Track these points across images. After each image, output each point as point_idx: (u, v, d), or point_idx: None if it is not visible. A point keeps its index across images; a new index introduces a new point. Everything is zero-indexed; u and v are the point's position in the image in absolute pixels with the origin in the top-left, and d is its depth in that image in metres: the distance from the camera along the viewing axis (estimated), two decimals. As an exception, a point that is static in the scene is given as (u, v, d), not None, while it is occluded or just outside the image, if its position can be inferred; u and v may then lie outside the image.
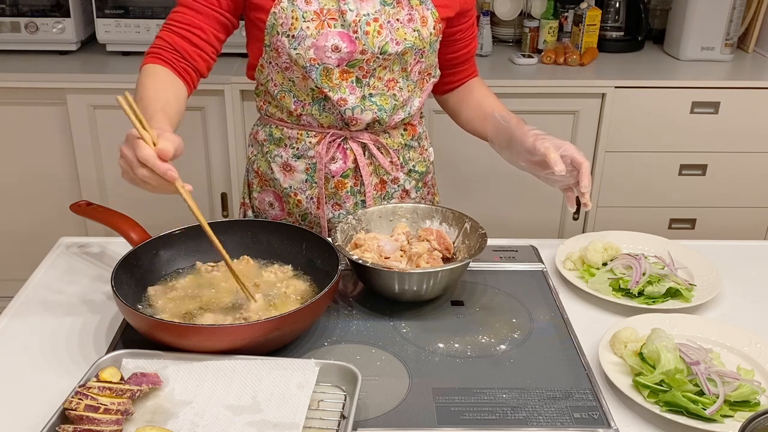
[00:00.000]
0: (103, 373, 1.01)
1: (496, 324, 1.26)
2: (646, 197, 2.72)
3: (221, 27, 1.40)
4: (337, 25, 1.36)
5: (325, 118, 1.45)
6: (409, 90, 1.47)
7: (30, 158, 2.61)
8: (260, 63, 1.45)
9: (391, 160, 1.51)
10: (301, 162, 1.50)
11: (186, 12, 1.37)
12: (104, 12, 2.61)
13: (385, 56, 1.39)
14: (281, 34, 1.37)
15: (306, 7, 1.35)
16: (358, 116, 1.43)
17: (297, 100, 1.45)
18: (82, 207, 1.37)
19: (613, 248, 1.42)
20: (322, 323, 1.24)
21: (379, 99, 1.43)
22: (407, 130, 1.54)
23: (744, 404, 1.04)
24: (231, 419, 0.98)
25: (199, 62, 1.39)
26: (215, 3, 1.37)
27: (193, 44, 1.37)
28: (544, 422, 1.03)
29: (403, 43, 1.40)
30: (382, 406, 1.05)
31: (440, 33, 1.46)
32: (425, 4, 1.41)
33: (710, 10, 2.71)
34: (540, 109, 2.58)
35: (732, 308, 1.34)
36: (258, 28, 1.40)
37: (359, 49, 1.37)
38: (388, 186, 1.54)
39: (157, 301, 1.22)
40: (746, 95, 2.58)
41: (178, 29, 1.37)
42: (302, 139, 1.49)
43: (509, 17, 2.90)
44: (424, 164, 1.60)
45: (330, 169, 1.49)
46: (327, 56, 1.36)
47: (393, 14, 1.39)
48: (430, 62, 1.49)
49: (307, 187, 1.52)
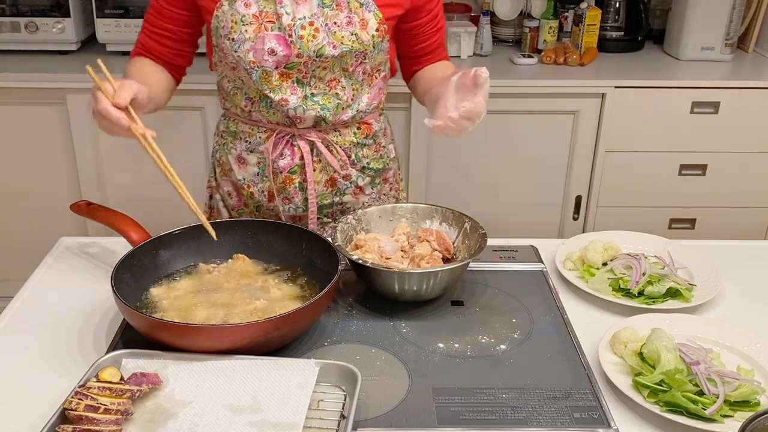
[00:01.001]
0: (103, 373, 1.01)
1: (496, 324, 1.26)
2: (646, 197, 2.72)
3: (186, 24, 1.47)
4: (275, 28, 1.37)
5: (272, 116, 1.47)
6: (353, 89, 1.46)
7: (30, 158, 2.61)
8: (214, 61, 1.49)
9: (339, 159, 1.51)
10: (253, 156, 1.52)
11: (154, 15, 1.48)
12: (104, 12, 2.61)
13: (323, 59, 1.39)
14: (223, 36, 1.39)
15: (245, 11, 1.37)
16: (301, 115, 1.44)
17: (247, 97, 1.47)
18: (82, 207, 1.37)
19: (613, 248, 1.42)
20: (322, 323, 1.24)
21: (322, 98, 1.44)
22: (361, 129, 1.53)
23: (744, 404, 1.04)
24: (231, 419, 0.97)
25: (177, 59, 1.50)
26: (174, 3, 1.44)
27: (167, 47, 1.48)
28: (544, 422, 1.03)
29: (341, 47, 1.38)
30: (382, 406, 1.05)
31: (386, 33, 1.44)
32: (366, 6, 1.39)
33: (710, 10, 2.71)
34: (540, 109, 2.58)
35: (732, 308, 1.34)
36: (207, 28, 1.44)
37: (295, 53, 1.37)
38: (339, 183, 1.54)
39: (159, 301, 1.22)
40: (746, 95, 2.57)
41: (151, 33, 1.48)
42: (254, 134, 1.51)
43: (509, 17, 2.90)
44: (381, 161, 1.59)
45: (278, 164, 1.50)
46: (264, 59, 1.38)
47: (331, 17, 1.38)
48: (377, 62, 1.47)
49: (259, 180, 1.54)
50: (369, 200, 1.60)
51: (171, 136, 2.53)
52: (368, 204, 1.60)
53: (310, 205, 1.52)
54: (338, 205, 1.56)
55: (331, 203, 1.55)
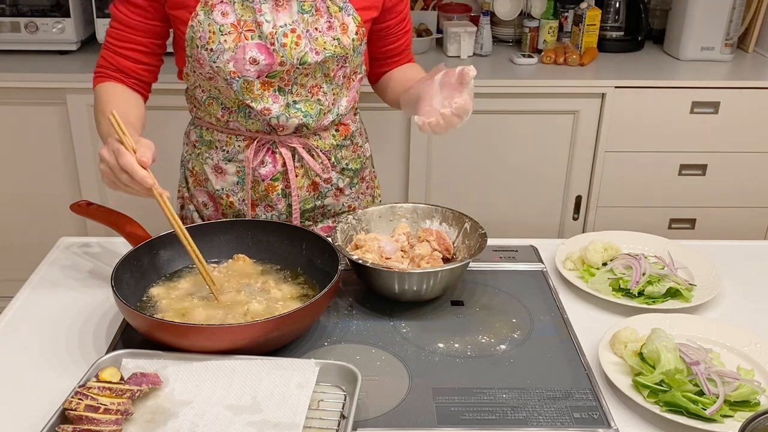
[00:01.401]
0: (103, 373, 1.01)
1: (496, 324, 1.26)
2: (646, 197, 2.72)
3: (156, 35, 1.42)
4: (255, 36, 1.34)
5: (252, 125, 1.45)
6: (334, 93, 1.46)
7: (30, 158, 2.61)
8: (185, 71, 1.45)
9: (321, 162, 1.51)
10: (232, 165, 1.50)
11: (120, 28, 1.41)
12: (104, 12, 2.61)
13: (305, 66, 1.37)
14: (200, 47, 1.36)
15: (223, 20, 1.34)
16: (284, 123, 1.42)
17: (224, 108, 1.44)
18: (82, 207, 1.37)
19: (613, 248, 1.42)
20: (322, 323, 1.24)
21: (304, 105, 1.42)
22: (339, 131, 1.53)
23: (744, 404, 1.04)
24: (231, 419, 0.98)
25: (146, 75, 1.45)
26: (143, 15, 1.39)
27: (136, 61, 1.42)
28: (544, 422, 1.03)
29: (323, 52, 1.38)
30: (382, 406, 1.05)
31: (364, 36, 1.44)
32: (345, 10, 1.39)
33: (710, 10, 2.71)
34: (540, 109, 2.58)
35: (732, 308, 1.34)
36: (180, 38, 1.40)
37: (278, 61, 1.35)
38: (321, 186, 1.54)
39: (159, 301, 1.22)
40: (746, 95, 2.57)
41: (118, 48, 1.42)
42: (231, 143, 1.48)
43: (509, 17, 2.90)
44: (359, 161, 1.59)
45: (260, 172, 1.48)
46: (246, 69, 1.35)
47: (312, 23, 1.37)
48: (355, 64, 1.47)
49: (238, 189, 1.52)
50: (348, 200, 1.60)
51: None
52: (348, 204, 1.61)
53: (294, 211, 1.52)
54: (319, 208, 1.56)
55: (313, 207, 1.55)
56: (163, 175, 1.23)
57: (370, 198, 1.68)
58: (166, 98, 2.44)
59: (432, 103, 1.26)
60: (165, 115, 2.49)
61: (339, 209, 1.59)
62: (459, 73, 1.24)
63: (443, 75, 1.27)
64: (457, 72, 1.24)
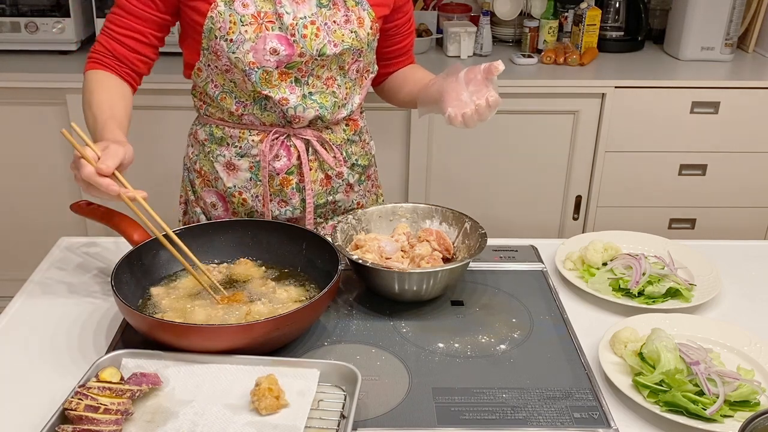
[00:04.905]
0: (103, 373, 1.01)
1: (496, 324, 1.26)
2: (646, 197, 2.72)
3: (159, 28, 1.42)
4: (275, 28, 1.36)
5: (267, 117, 1.46)
6: (347, 87, 1.48)
7: (30, 158, 2.61)
8: (197, 66, 1.45)
9: (334, 156, 1.52)
10: (245, 160, 1.50)
11: (123, 16, 1.40)
12: (104, 12, 2.61)
13: (323, 58, 1.40)
14: (219, 38, 1.36)
15: (243, 11, 1.35)
16: (300, 114, 1.43)
17: (238, 101, 1.45)
18: (82, 207, 1.37)
19: (613, 248, 1.42)
20: (322, 323, 1.24)
21: (319, 97, 1.44)
22: (349, 126, 1.55)
23: (744, 404, 1.04)
24: (231, 419, 0.98)
25: (140, 66, 1.43)
26: (152, 6, 1.39)
27: (133, 50, 1.41)
28: (544, 422, 1.03)
29: (341, 44, 1.40)
30: (382, 406, 1.05)
31: (378, 32, 1.47)
32: (361, 5, 1.42)
33: (710, 10, 2.71)
34: (540, 109, 2.58)
35: (732, 308, 1.34)
36: (195, 31, 1.40)
37: (297, 52, 1.37)
38: (333, 181, 1.55)
39: (159, 301, 1.22)
40: (746, 95, 2.57)
41: (117, 35, 1.40)
42: (245, 138, 1.48)
43: (509, 17, 2.90)
44: (366, 158, 1.61)
45: (274, 166, 1.49)
46: (266, 59, 1.37)
47: (329, 16, 1.39)
48: (368, 60, 1.49)
49: (251, 186, 1.52)
50: (357, 197, 1.61)
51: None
52: (356, 201, 1.61)
53: (308, 206, 1.52)
54: (331, 204, 1.56)
55: (325, 202, 1.55)
56: (162, 175, 1.22)
57: (374, 197, 1.69)
58: (166, 98, 2.45)
59: (461, 98, 1.31)
60: (165, 115, 2.49)
61: (348, 206, 1.60)
62: (486, 69, 1.29)
63: (467, 71, 1.32)
64: (483, 67, 1.30)
